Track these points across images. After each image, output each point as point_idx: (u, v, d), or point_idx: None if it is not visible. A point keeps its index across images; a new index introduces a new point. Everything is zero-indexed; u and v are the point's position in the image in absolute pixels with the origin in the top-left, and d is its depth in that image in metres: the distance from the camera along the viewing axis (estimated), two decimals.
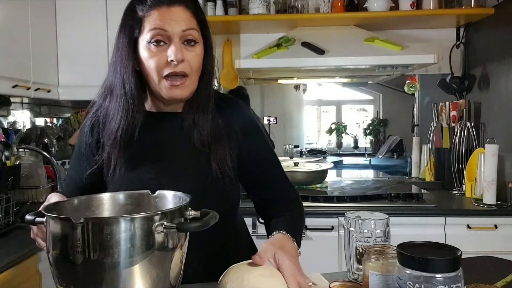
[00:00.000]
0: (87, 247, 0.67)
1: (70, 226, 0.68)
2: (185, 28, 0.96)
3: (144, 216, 0.71)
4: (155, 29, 0.95)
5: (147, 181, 1.00)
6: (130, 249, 0.69)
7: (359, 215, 0.95)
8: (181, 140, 1.04)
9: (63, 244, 0.69)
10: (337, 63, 2.37)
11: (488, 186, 2.24)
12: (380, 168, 3.89)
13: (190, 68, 0.98)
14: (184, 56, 0.96)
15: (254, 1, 2.49)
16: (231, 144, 1.06)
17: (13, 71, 2.00)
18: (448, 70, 2.71)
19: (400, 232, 1.29)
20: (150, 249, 0.70)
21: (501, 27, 2.40)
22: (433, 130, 2.79)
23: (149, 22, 0.95)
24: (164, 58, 0.96)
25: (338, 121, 5.46)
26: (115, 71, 1.02)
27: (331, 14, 2.52)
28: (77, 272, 0.69)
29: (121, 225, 0.68)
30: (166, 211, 0.73)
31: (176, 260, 0.75)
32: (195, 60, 0.99)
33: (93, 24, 2.49)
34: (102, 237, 0.67)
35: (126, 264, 0.69)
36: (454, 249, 0.69)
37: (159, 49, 0.96)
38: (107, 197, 0.89)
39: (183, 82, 0.98)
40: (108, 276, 0.68)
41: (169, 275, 0.74)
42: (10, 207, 1.85)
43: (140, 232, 0.69)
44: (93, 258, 0.68)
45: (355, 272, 0.95)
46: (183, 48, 0.97)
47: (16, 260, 1.52)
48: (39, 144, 2.63)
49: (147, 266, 0.71)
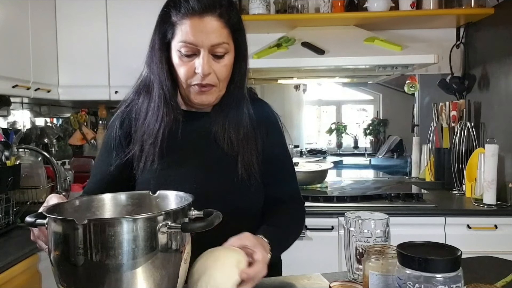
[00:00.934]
0: (89, 248, 0.66)
1: (72, 228, 0.67)
2: (215, 42, 0.96)
3: (148, 216, 0.70)
4: (185, 42, 0.96)
5: (175, 177, 1.01)
6: (134, 250, 0.68)
7: (359, 215, 0.95)
8: (209, 140, 1.05)
9: (65, 246, 0.68)
10: (337, 63, 2.37)
11: (488, 186, 2.24)
12: (380, 168, 3.89)
13: (217, 79, 1.00)
14: (211, 69, 0.98)
15: (254, 1, 2.49)
16: (257, 147, 1.07)
17: (13, 71, 2.00)
18: (448, 70, 2.71)
19: (400, 232, 1.29)
20: (154, 250, 0.69)
21: (501, 27, 2.40)
22: (433, 130, 2.79)
23: (181, 31, 0.96)
24: (192, 68, 0.98)
25: (338, 121, 5.46)
26: (151, 71, 1.04)
27: (331, 14, 2.52)
28: (79, 273, 0.68)
29: (124, 226, 0.67)
30: (169, 211, 0.73)
31: (181, 261, 0.75)
32: (222, 71, 1.00)
33: (93, 24, 2.49)
34: (105, 238, 0.67)
35: (130, 266, 0.68)
36: (454, 249, 0.69)
37: (188, 59, 0.98)
38: (108, 198, 0.89)
39: (209, 89, 1.00)
40: (112, 278, 0.68)
41: (172, 277, 0.74)
42: (10, 207, 1.85)
43: (144, 233, 0.68)
44: (95, 260, 0.67)
45: (355, 272, 0.95)
46: (212, 59, 0.98)
47: (16, 260, 1.52)
48: (39, 144, 2.63)
49: (150, 268, 0.70)
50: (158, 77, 1.01)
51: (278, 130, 1.15)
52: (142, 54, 1.08)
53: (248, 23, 1.08)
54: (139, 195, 0.90)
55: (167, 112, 1.01)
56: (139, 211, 0.88)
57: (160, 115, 1.01)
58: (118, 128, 1.06)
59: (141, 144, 1.02)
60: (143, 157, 1.02)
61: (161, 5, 1.04)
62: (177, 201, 0.86)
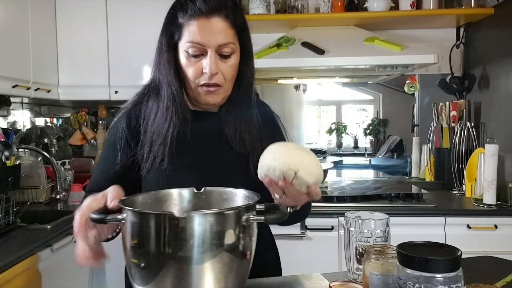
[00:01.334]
0: (189, 240, 0.69)
1: (171, 221, 0.69)
2: (222, 43, 0.99)
3: (237, 209, 0.75)
4: (193, 43, 0.98)
5: (186, 177, 1.01)
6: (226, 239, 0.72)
7: (359, 215, 0.95)
8: (220, 140, 1.07)
9: (159, 240, 0.69)
10: (337, 63, 2.37)
11: (488, 186, 2.24)
12: (380, 168, 3.89)
13: (223, 78, 1.02)
14: (218, 69, 1.00)
15: (254, 1, 2.49)
16: (263, 145, 1.06)
17: (13, 71, 2.00)
18: (448, 70, 2.71)
19: (400, 232, 1.29)
20: (238, 240, 0.74)
21: (501, 27, 2.40)
22: (433, 130, 2.79)
23: (188, 32, 0.98)
24: (200, 68, 0.99)
25: (338, 121, 5.46)
26: (159, 72, 1.05)
27: (331, 14, 2.52)
28: (176, 268, 0.70)
29: (224, 217, 0.72)
30: (248, 205, 0.77)
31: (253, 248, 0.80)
32: (228, 71, 1.02)
33: (93, 24, 2.49)
34: (206, 229, 0.70)
35: (220, 254, 0.72)
36: (454, 249, 0.69)
37: (196, 59, 1.00)
38: (176, 193, 0.91)
39: (217, 89, 1.02)
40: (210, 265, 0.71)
41: (248, 265, 0.79)
42: (10, 207, 1.85)
43: (234, 224, 0.73)
44: (197, 250, 0.70)
45: (355, 272, 0.95)
46: (219, 59, 1.00)
47: (16, 260, 1.52)
48: (39, 144, 2.63)
49: (233, 257, 0.74)
50: (166, 78, 1.03)
51: (280, 131, 1.18)
52: (142, 54, 1.08)
53: (248, 23, 1.09)
54: (189, 191, 0.92)
55: (175, 111, 1.02)
56: (205, 206, 0.90)
57: (169, 115, 1.02)
58: (125, 128, 1.06)
59: (150, 145, 1.03)
60: (151, 157, 1.02)
61: (161, 5, 1.04)
62: (225, 196, 0.90)
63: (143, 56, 2.43)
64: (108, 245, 0.84)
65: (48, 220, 1.97)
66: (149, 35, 1.07)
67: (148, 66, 2.41)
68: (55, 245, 1.81)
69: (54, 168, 2.36)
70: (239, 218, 0.73)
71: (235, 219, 0.73)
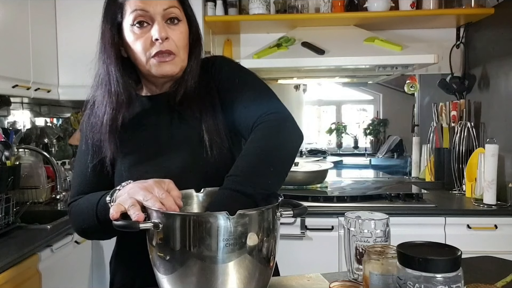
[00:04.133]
0: (238, 236, 0.72)
1: (220, 220, 0.71)
2: (166, 6, 0.97)
3: (273, 206, 0.78)
4: (136, 11, 0.96)
5: (146, 167, 0.99)
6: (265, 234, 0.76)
7: (359, 215, 0.95)
8: (175, 118, 1.03)
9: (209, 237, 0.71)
10: (337, 63, 2.37)
11: (488, 186, 2.24)
12: (380, 168, 3.89)
13: (176, 46, 0.98)
14: (168, 34, 0.96)
15: (254, 1, 2.49)
16: (215, 109, 1.02)
17: (13, 71, 2.00)
18: (448, 70, 2.71)
19: (400, 232, 1.29)
20: (274, 234, 0.78)
21: (501, 27, 2.40)
22: (433, 130, 2.79)
23: (130, 5, 0.96)
24: (149, 39, 0.96)
25: (338, 121, 5.46)
26: (100, 60, 1.03)
27: (331, 14, 2.52)
28: (200, 265, 0.72)
29: (264, 215, 0.75)
30: (280, 202, 0.81)
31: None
32: (180, 38, 0.99)
33: (93, 24, 2.48)
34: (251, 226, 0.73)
35: (259, 248, 0.75)
36: (454, 249, 0.69)
37: (143, 30, 0.97)
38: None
39: (172, 58, 0.98)
40: (233, 264, 0.73)
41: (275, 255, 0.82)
42: (10, 207, 1.85)
43: (271, 220, 0.77)
44: (224, 250, 0.72)
45: (355, 272, 0.94)
46: (167, 26, 0.97)
47: (16, 260, 1.52)
48: (39, 144, 2.63)
49: (270, 247, 0.78)
50: (105, 64, 1.00)
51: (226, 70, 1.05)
52: None
53: (248, 23, 1.09)
54: (185, 193, 0.90)
55: (110, 95, 0.99)
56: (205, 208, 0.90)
57: (105, 100, 0.99)
58: (89, 130, 1.04)
59: (100, 139, 1.00)
60: (104, 151, 1.00)
61: None
62: None
63: None
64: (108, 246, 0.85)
65: (48, 220, 1.97)
66: None
67: None
68: (55, 245, 1.81)
69: (54, 168, 2.36)
70: (274, 214, 0.77)
71: (273, 214, 0.77)
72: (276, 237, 0.79)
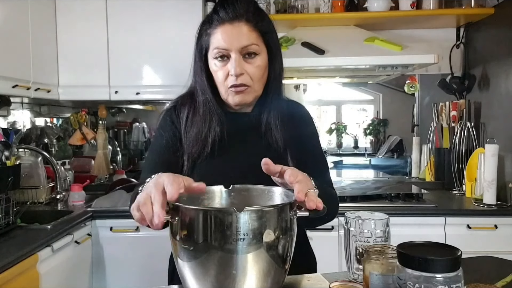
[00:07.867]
0: (249, 232, 0.73)
1: (231, 216, 0.73)
2: (245, 44, 1.06)
3: (285, 204, 0.79)
4: (217, 48, 1.07)
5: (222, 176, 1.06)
6: (281, 231, 0.77)
7: (359, 215, 0.95)
8: (254, 138, 1.14)
9: (224, 232, 0.73)
10: (337, 63, 2.37)
11: (488, 186, 2.24)
12: (380, 168, 3.88)
13: (250, 79, 1.08)
14: (244, 69, 1.07)
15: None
16: (296, 142, 1.14)
17: (13, 71, 2.01)
18: (448, 70, 2.71)
19: (400, 232, 1.29)
20: (290, 232, 0.78)
21: (501, 27, 2.41)
22: (433, 130, 2.79)
23: (214, 39, 1.08)
24: (227, 71, 1.08)
25: (338, 121, 5.46)
26: (195, 80, 1.16)
27: (331, 14, 2.52)
28: (220, 256, 0.73)
29: (278, 211, 0.76)
30: (292, 201, 0.81)
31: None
32: (254, 71, 1.08)
33: (93, 24, 2.49)
34: (268, 222, 0.75)
35: (275, 245, 0.76)
36: (454, 249, 0.69)
37: (222, 63, 1.08)
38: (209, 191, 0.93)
39: (244, 89, 1.09)
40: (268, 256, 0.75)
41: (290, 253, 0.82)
42: (10, 207, 1.85)
43: (286, 218, 0.78)
44: (244, 243, 0.73)
45: (355, 272, 0.94)
46: (244, 61, 1.07)
47: (16, 260, 1.52)
48: (39, 144, 2.64)
49: (286, 245, 0.78)
50: (200, 85, 1.13)
51: (312, 125, 1.24)
52: (142, 54, 1.09)
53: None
54: (209, 189, 0.93)
55: (211, 115, 1.12)
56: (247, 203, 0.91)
57: (207, 119, 1.12)
58: (170, 125, 1.15)
59: (191, 146, 1.11)
60: (192, 158, 1.10)
61: (160, 5, 1.04)
62: (254, 193, 0.93)
63: (143, 56, 2.44)
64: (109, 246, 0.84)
65: (48, 220, 1.98)
66: (149, 36, 1.08)
67: (148, 66, 2.42)
68: (55, 245, 1.81)
69: (54, 168, 2.36)
70: (290, 212, 0.78)
71: (286, 213, 0.77)
72: (292, 237, 0.80)
